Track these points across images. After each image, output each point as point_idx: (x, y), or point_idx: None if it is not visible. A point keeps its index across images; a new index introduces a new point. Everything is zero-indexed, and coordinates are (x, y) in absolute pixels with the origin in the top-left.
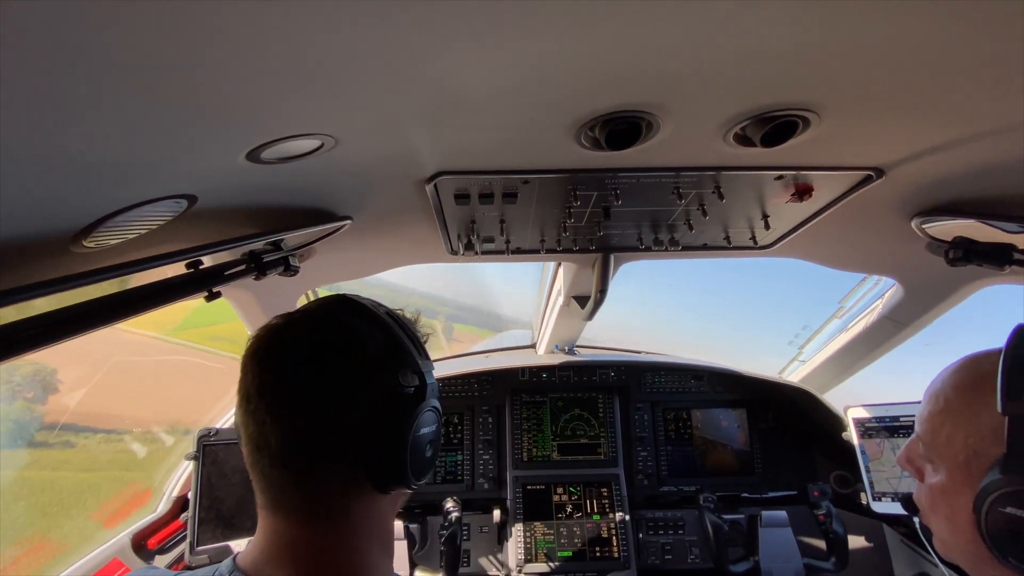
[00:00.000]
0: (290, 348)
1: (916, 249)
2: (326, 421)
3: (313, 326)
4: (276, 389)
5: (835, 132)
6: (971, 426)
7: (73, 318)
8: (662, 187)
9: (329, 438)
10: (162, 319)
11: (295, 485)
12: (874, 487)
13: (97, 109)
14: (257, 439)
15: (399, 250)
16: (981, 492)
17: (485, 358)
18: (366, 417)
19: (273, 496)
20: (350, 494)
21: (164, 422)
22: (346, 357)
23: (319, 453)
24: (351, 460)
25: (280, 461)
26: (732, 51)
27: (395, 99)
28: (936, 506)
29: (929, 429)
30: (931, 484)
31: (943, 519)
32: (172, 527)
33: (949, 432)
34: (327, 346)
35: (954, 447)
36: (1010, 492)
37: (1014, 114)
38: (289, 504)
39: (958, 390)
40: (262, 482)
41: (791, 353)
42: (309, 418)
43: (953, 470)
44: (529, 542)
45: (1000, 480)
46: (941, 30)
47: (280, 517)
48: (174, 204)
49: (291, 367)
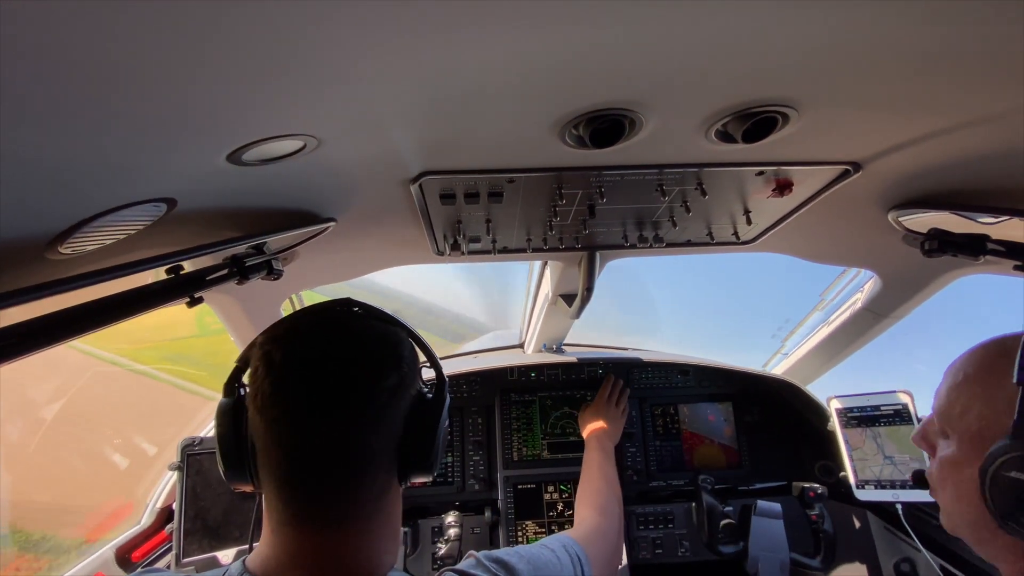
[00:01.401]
0: (336, 354)
1: (893, 241)
2: (374, 427)
3: (350, 331)
4: (323, 396)
5: (813, 127)
6: (987, 398)
7: (49, 327)
8: (646, 184)
9: (375, 443)
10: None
11: (335, 492)
12: (858, 475)
13: (71, 110)
14: (291, 447)
15: (385, 252)
16: (988, 457)
17: (473, 359)
18: (404, 419)
19: (301, 507)
20: (384, 494)
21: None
22: (390, 362)
23: (364, 459)
24: (389, 462)
25: (323, 468)
26: (712, 49)
27: (378, 99)
28: (945, 478)
29: (946, 403)
30: (942, 457)
31: (951, 490)
32: (157, 539)
33: (965, 404)
34: (372, 352)
35: (968, 419)
36: (1016, 456)
37: (985, 107)
38: (322, 511)
39: (979, 365)
40: (290, 492)
41: (774, 346)
42: (358, 425)
43: (964, 442)
44: (521, 541)
45: (1008, 445)
46: (914, 26)
47: (308, 526)
48: (153, 208)
49: (338, 373)
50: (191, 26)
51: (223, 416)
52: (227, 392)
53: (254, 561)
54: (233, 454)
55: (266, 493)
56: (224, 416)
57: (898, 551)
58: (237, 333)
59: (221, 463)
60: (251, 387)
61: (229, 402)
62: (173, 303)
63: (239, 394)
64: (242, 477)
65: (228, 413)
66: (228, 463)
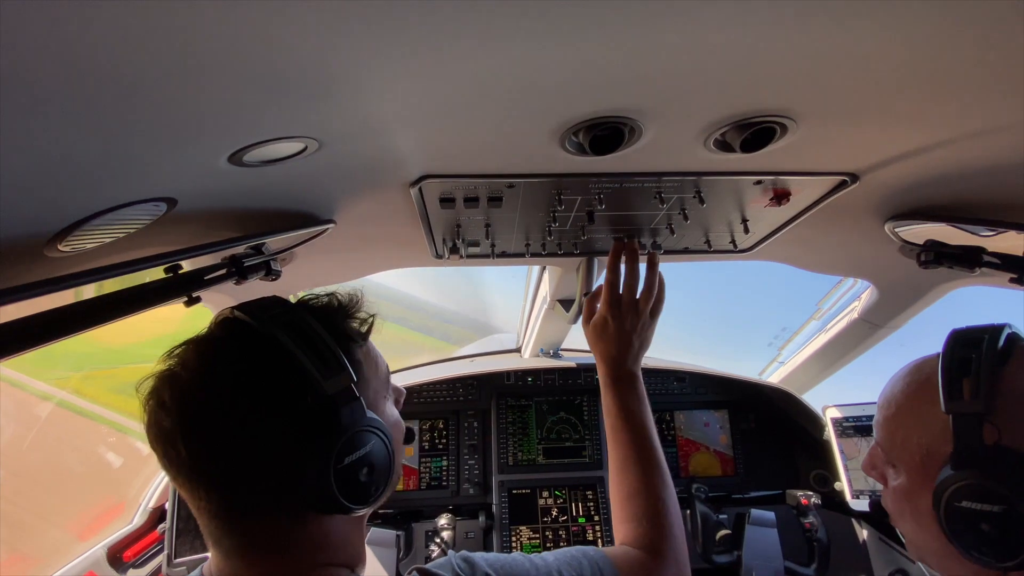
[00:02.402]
0: (187, 396)
1: (889, 252)
2: (240, 462)
3: (201, 365)
4: (183, 439)
5: (811, 138)
6: (922, 427)
7: (48, 324)
8: (645, 192)
9: (247, 477)
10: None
11: (230, 527)
12: (852, 485)
13: (74, 110)
14: (185, 476)
15: (383, 254)
16: (937, 489)
17: (470, 362)
18: (281, 446)
19: (211, 532)
20: (293, 526)
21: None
22: (236, 393)
23: (244, 493)
24: (277, 494)
25: (208, 501)
26: (711, 59)
27: (380, 103)
28: (901, 509)
29: (886, 434)
30: (894, 487)
31: (909, 520)
32: (149, 539)
33: (903, 435)
34: (218, 387)
35: (909, 449)
36: (962, 486)
37: (982, 120)
38: (229, 543)
39: (906, 394)
40: (201, 517)
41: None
42: (224, 462)
43: (911, 471)
44: (515, 546)
45: (952, 476)
46: (913, 39)
47: (220, 552)
48: (153, 207)
49: (191, 416)
50: (196, 28)
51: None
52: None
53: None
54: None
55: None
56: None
57: (892, 562)
58: None
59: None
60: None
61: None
62: (171, 302)
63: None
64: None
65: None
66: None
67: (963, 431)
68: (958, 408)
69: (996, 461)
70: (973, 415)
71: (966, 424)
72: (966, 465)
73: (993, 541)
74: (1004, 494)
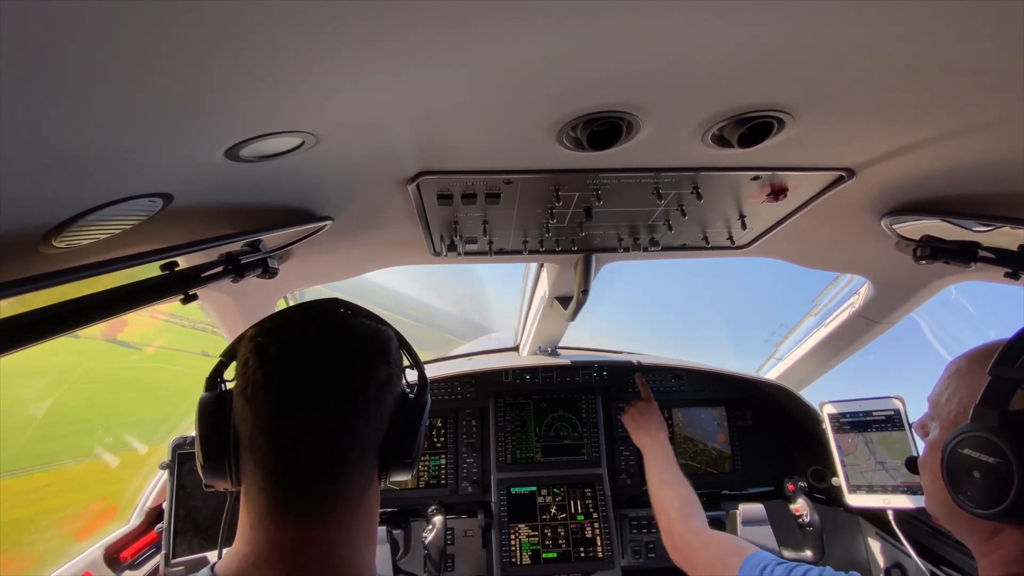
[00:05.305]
0: (329, 347)
1: (886, 248)
2: (363, 421)
3: (342, 326)
4: (317, 388)
5: (808, 133)
6: (968, 388)
7: (42, 321)
8: (642, 188)
9: (362, 437)
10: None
11: (322, 484)
12: (849, 481)
13: (68, 104)
14: (281, 437)
15: (381, 252)
16: (950, 437)
17: (468, 360)
18: (390, 416)
19: (286, 498)
20: (366, 490)
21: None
22: (380, 359)
23: (353, 452)
24: (373, 458)
25: (312, 460)
26: (709, 54)
27: (377, 98)
28: (926, 460)
29: (937, 392)
30: (928, 441)
31: (928, 472)
32: (146, 539)
33: (950, 393)
34: (364, 348)
35: (950, 405)
36: (969, 436)
37: (978, 116)
38: (306, 503)
39: (969, 358)
40: (276, 483)
41: (768, 351)
42: (349, 418)
43: (944, 425)
44: (514, 545)
45: (965, 427)
46: (909, 34)
47: (290, 518)
48: (149, 203)
49: (332, 366)
50: (191, 22)
51: (206, 410)
52: (209, 386)
53: (228, 565)
54: (215, 448)
55: (247, 487)
56: (207, 410)
57: (890, 557)
58: (231, 332)
59: (201, 457)
60: (240, 378)
61: (212, 396)
62: (167, 300)
63: (221, 389)
64: (221, 472)
65: (211, 407)
66: (209, 457)
67: (995, 392)
68: (1000, 372)
69: (1010, 423)
70: (1011, 380)
71: (1001, 387)
72: (982, 420)
73: (979, 487)
74: (1003, 451)
